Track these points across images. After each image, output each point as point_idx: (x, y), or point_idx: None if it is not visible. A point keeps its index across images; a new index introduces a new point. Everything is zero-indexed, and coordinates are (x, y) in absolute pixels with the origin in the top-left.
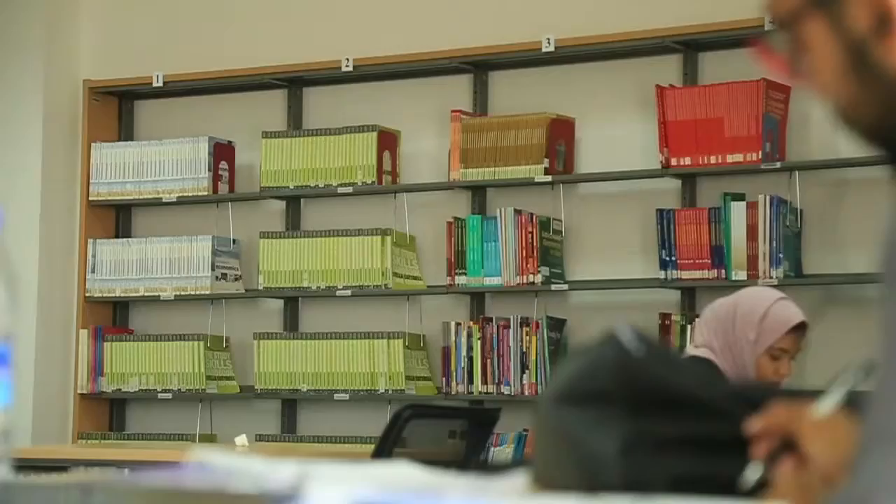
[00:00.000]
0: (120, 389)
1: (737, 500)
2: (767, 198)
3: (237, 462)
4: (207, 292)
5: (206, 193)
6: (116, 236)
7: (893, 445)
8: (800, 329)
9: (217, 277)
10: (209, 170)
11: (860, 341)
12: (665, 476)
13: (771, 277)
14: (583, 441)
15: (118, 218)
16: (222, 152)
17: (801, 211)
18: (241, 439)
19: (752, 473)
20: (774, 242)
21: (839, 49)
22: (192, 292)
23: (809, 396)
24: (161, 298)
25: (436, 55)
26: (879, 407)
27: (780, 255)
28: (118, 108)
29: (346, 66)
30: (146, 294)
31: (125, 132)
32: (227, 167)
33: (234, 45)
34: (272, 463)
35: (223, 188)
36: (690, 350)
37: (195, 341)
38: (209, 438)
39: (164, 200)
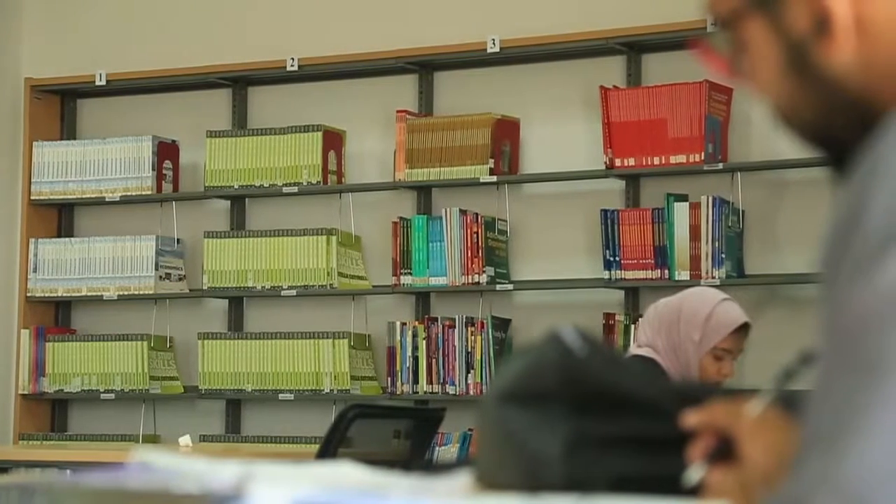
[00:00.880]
0: (62, 390)
1: (679, 499)
2: (710, 198)
3: (180, 462)
4: (151, 292)
5: (149, 193)
6: (58, 236)
7: (832, 447)
8: (742, 329)
9: (161, 277)
10: (153, 169)
11: (800, 341)
12: (608, 476)
13: (713, 277)
14: (525, 441)
15: (60, 217)
16: (166, 151)
17: (742, 212)
18: (185, 440)
19: (695, 473)
20: (717, 243)
21: (779, 49)
22: (136, 292)
23: (750, 396)
24: (104, 298)
25: (381, 55)
26: (818, 408)
27: (723, 256)
28: (60, 106)
29: (291, 65)
30: (89, 294)
31: (67, 131)
32: (171, 166)
33: (178, 43)
34: (215, 463)
35: (167, 187)
36: (633, 350)
37: (138, 341)
38: (152, 439)
39: (107, 200)
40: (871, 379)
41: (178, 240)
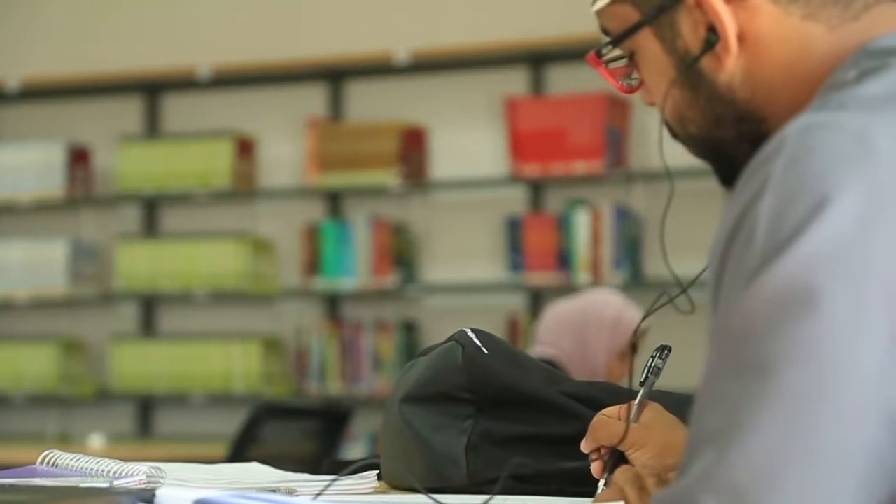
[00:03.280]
0: None
1: (578, 497)
2: (610, 205)
3: (90, 462)
4: (63, 295)
5: (61, 197)
6: None
7: (715, 446)
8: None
9: (73, 280)
10: (65, 173)
11: (694, 344)
12: (510, 473)
13: (613, 281)
14: (430, 440)
15: None
16: (78, 156)
17: (641, 218)
18: (96, 440)
19: (600, 490)
20: (617, 248)
21: (669, 63)
22: (48, 296)
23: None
24: (15, 302)
25: (292, 62)
26: (704, 409)
27: (622, 260)
28: None
29: (203, 71)
30: (0, 298)
31: None
32: (83, 171)
33: (90, 48)
34: (125, 463)
35: (80, 192)
36: (534, 351)
37: (50, 344)
38: (64, 440)
39: (18, 204)
40: (753, 381)
41: (90, 243)
